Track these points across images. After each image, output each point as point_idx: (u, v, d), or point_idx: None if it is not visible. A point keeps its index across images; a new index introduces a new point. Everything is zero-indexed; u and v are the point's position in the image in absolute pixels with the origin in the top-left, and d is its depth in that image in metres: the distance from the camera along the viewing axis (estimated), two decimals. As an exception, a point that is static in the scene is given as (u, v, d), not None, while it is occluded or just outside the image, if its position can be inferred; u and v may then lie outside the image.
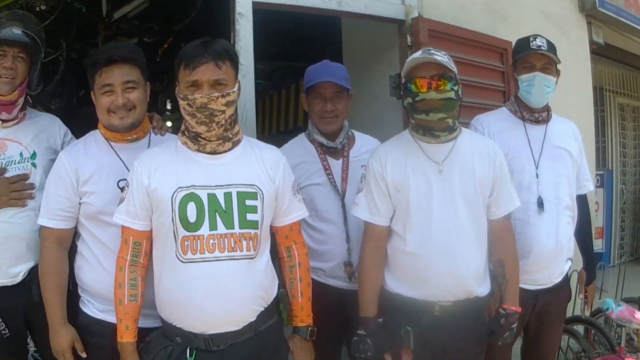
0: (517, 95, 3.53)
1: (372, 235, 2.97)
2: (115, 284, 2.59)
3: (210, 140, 2.55)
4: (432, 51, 2.85)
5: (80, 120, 3.42)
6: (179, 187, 2.49)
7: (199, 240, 2.46)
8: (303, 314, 2.81)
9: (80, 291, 2.91)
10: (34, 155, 3.04)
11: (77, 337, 2.79)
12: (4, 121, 3.01)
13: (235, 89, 2.52)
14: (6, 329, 2.98)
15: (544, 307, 3.47)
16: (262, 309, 2.60)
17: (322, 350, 2.99)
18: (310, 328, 2.83)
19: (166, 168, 2.55)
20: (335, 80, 3.25)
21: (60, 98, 7.42)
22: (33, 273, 2.96)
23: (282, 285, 2.79)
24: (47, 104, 7.06)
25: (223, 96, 2.45)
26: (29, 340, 3.27)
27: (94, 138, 2.91)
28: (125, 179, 2.67)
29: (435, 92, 2.77)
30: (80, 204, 2.79)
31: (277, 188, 2.66)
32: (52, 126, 3.18)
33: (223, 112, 2.48)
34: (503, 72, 5.09)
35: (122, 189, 2.65)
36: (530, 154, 3.40)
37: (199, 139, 2.56)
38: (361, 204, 2.97)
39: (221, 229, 2.48)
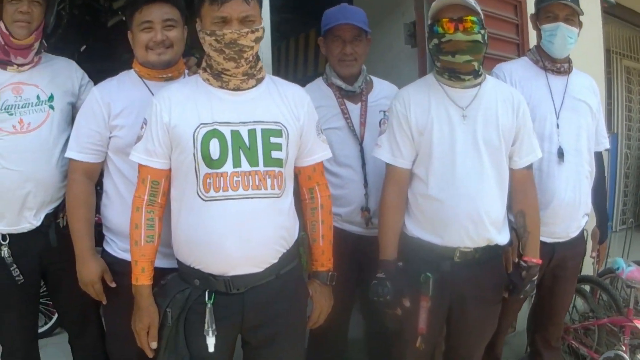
0: (538, 45, 3.46)
1: (394, 177, 2.92)
2: (131, 225, 2.52)
3: (234, 77, 2.46)
4: None
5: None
6: (201, 124, 2.41)
7: (222, 178, 2.38)
8: (324, 258, 2.76)
9: (104, 230, 2.91)
10: (51, 98, 2.99)
11: (106, 268, 2.79)
12: (19, 65, 2.96)
13: (262, 25, 2.44)
14: (20, 275, 2.95)
15: (559, 261, 3.45)
16: (285, 250, 2.54)
17: (337, 296, 2.91)
18: (330, 273, 2.77)
19: (186, 104, 2.46)
20: (355, 22, 3.20)
21: (62, 54, 7.37)
22: (50, 218, 2.97)
23: (302, 228, 2.73)
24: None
25: (252, 32, 2.37)
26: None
27: (128, 76, 2.89)
28: None
29: (462, 33, 2.70)
30: (110, 138, 2.77)
31: (302, 126, 2.58)
32: (68, 69, 3.14)
33: (252, 48, 2.40)
34: (517, 24, 4.96)
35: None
36: (551, 104, 3.34)
37: (222, 75, 2.47)
38: (384, 146, 2.92)
39: (245, 166, 2.39)
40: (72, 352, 3.36)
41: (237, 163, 2.39)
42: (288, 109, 2.55)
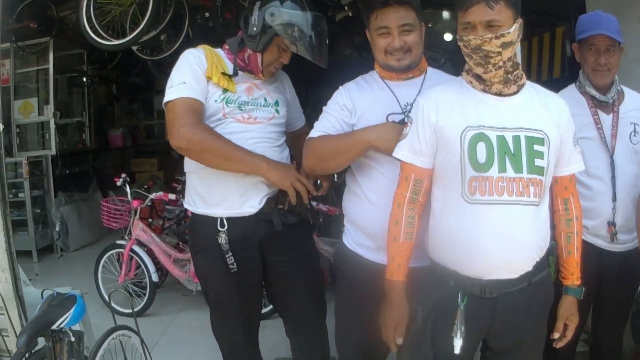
0: None
1: None
2: (391, 220, 2.58)
3: (493, 82, 2.45)
4: None
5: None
6: (468, 127, 2.42)
7: (487, 182, 2.38)
8: (578, 271, 2.69)
9: (345, 221, 3.02)
10: (277, 103, 3.20)
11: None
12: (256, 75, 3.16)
13: (512, 29, 2.35)
14: (234, 263, 3.07)
15: None
16: (539, 258, 2.51)
17: None
18: (583, 288, 2.71)
19: (453, 106, 2.48)
20: (610, 33, 3.13)
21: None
22: (271, 203, 3.08)
23: (552, 238, 2.67)
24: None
25: (497, 37, 2.33)
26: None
27: (371, 76, 2.98)
28: (395, 113, 2.71)
29: None
30: None
31: (562, 136, 2.53)
32: (285, 81, 3.38)
33: (499, 53, 2.36)
34: None
35: (403, 123, 2.65)
36: None
37: (482, 79, 2.47)
38: None
39: (510, 172, 2.38)
40: (290, 342, 3.51)
41: (502, 168, 2.38)
42: (550, 117, 2.51)
